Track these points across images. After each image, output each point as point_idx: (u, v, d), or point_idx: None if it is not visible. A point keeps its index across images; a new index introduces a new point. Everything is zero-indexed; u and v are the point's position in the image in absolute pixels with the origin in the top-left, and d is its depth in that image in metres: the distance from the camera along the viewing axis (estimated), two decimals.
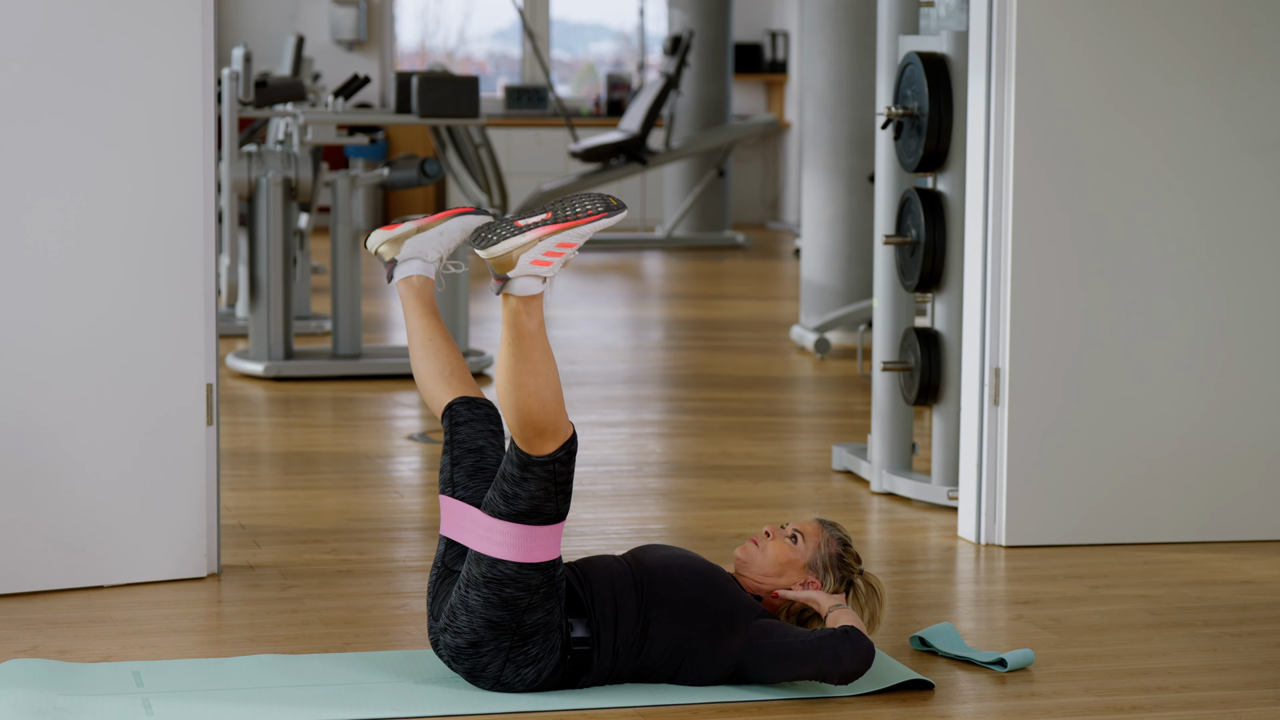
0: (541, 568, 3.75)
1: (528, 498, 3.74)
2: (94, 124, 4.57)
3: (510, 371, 3.68)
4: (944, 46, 5.74)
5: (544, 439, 3.71)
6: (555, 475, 3.74)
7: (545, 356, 3.69)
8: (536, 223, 3.67)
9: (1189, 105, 5.25)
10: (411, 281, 4.23)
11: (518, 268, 3.66)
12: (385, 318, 10.50)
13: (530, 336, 3.68)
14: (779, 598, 3.96)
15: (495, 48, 17.75)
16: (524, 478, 3.74)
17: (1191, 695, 3.92)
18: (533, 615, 3.76)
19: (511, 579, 3.74)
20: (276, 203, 8.04)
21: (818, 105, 9.40)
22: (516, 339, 3.68)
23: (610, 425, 7.18)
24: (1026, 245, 5.20)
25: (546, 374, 3.69)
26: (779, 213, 17.37)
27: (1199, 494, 5.33)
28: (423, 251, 4.23)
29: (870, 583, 3.99)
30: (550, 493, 3.75)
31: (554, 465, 3.73)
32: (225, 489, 5.74)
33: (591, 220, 3.70)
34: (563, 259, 3.69)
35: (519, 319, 3.68)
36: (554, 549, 3.77)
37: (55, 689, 3.79)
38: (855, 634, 3.76)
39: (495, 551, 3.75)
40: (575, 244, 3.69)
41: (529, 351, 3.68)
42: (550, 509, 3.76)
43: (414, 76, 8.22)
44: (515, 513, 3.75)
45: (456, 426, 4.01)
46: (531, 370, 3.68)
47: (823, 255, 9.38)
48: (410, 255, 4.23)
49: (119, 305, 4.62)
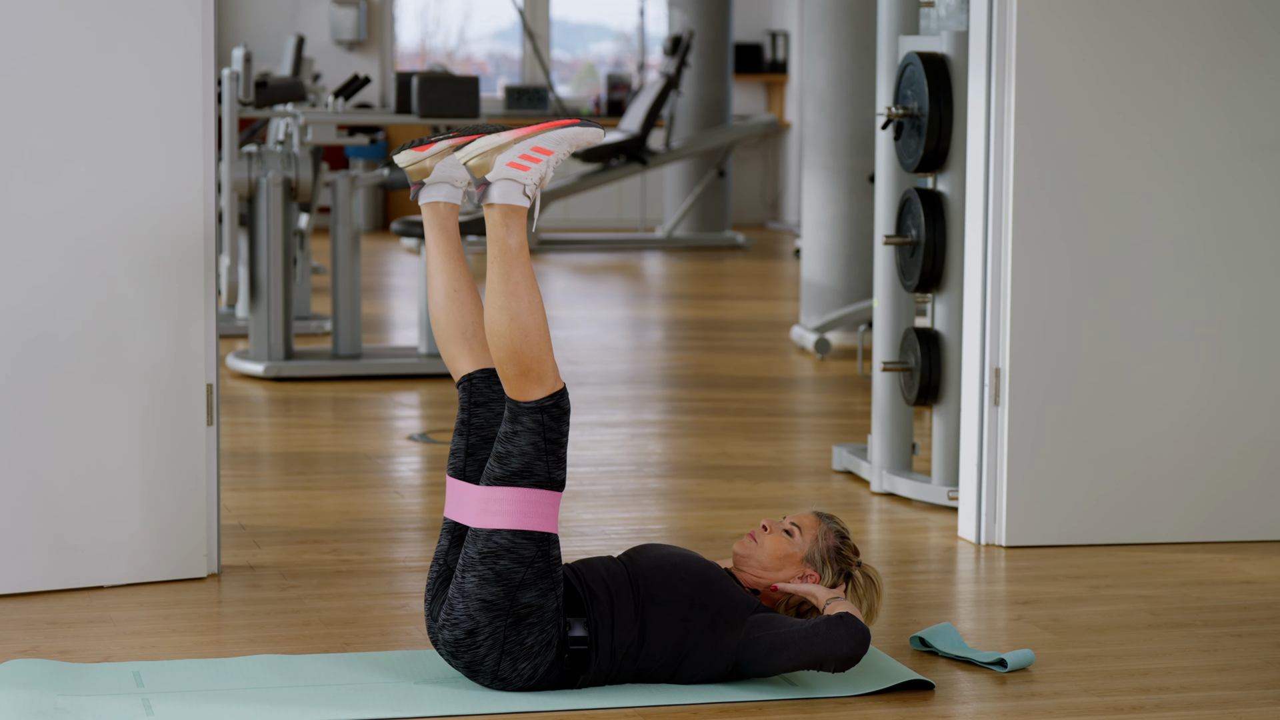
0: (535, 539, 3.75)
1: (519, 454, 3.74)
2: (94, 123, 4.57)
3: (492, 294, 3.66)
4: (944, 47, 5.74)
5: (528, 380, 3.69)
6: (544, 428, 3.73)
7: (527, 280, 3.66)
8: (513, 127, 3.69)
9: (1189, 105, 5.25)
10: (438, 208, 4.00)
11: (494, 170, 3.66)
12: (385, 318, 10.50)
13: (511, 254, 3.66)
14: (777, 591, 3.96)
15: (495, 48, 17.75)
16: (515, 431, 3.74)
17: (1191, 695, 3.92)
18: (526, 593, 3.74)
19: (505, 549, 3.73)
20: (277, 203, 8.04)
21: (818, 105, 9.40)
22: (498, 255, 3.67)
23: (610, 425, 7.18)
24: (1026, 245, 5.20)
25: (529, 301, 3.66)
26: (779, 213, 17.37)
27: (1199, 494, 5.33)
28: (452, 176, 4.00)
29: (868, 574, 3.99)
30: (540, 449, 3.74)
31: (542, 415, 3.72)
32: (225, 489, 5.74)
33: (566, 125, 3.70)
34: (541, 165, 3.68)
35: (499, 232, 3.67)
36: (550, 520, 3.76)
37: (55, 689, 3.79)
38: (850, 619, 3.76)
39: (491, 521, 3.74)
40: (552, 151, 3.68)
41: (509, 269, 3.66)
42: (542, 469, 3.75)
43: (414, 77, 8.22)
44: (509, 473, 3.74)
45: (475, 407, 3.94)
46: (512, 291, 3.66)
47: (823, 255, 9.38)
48: (439, 179, 4.00)
49: (119, 306, 4.62)
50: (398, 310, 10.83)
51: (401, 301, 11.20)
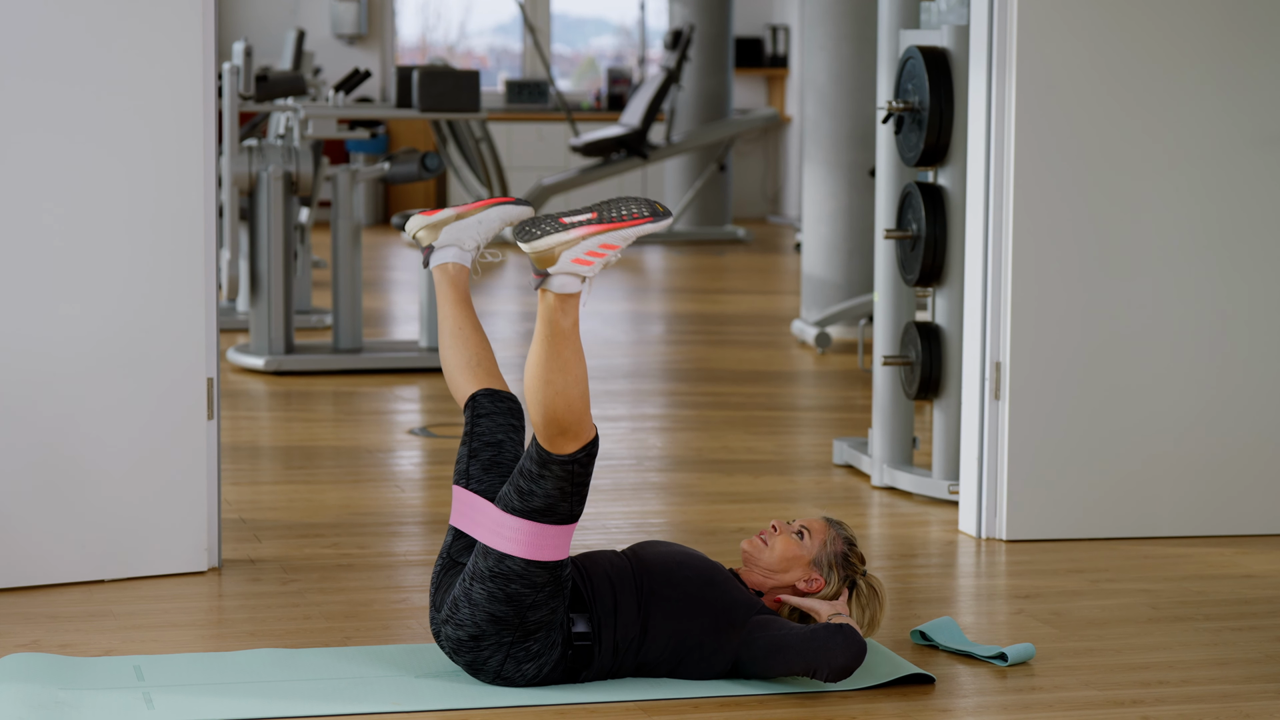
0: (549, 567, 3.75)
1: (543, 495, 3.74)
2: (94, 118, 4.57)
3: (540, 368, 3.68)
4: (945, 41, 5.73)
5: (566, 438, 3.72)
6: (573, 476, 3.74)
7: (576, 356, 3.70)
8: (581, 221, 3.68)
9: (1190, 99, 5.25)
10: (447, 269, 4.21)
11: (559, 264, 3.67)
12: (386, 312, 10.50)
13: (564, 335, 3.69)
14: (780, 603, 3.96)
15: (496, 42, 17.75)
16: (542, 475, 3.74)
17: (1192, 689, 3.92)
18: (536, 613, 3.76)
19: (518, 575, 3.74)
20: (277, 197, 8.04)
21: (818, 100, 9.40)
22: (550, 336, 3.69)
23: (611, 420, 7.18)
24: (1027, 239, 5.20)
25: (576, 373, 3.69)
26: (780, 207, 17.37)
27: (1200, 488, 5.33)
28: (460, 239, 4.21)
29: (872, 585, 4.00)
30: (566, 493, 3.75)
31: (573, 466, 3.73)
32: (226, 483, 5.74)
33: (637, 224, 3.70)
34: (604, 260, 3.69)
35: (554, 316, 3.69)
36: (563, 549, 3.77)
37: (56, 683, 3.79)
38: (849, 630, 3.77)
39: (504, 546, 3.75)
40: (618, 246, 3.70)
41: (561, 350, 3.69)
42: (564, 509, 3.76)
43: (415, 71, 8.22)
44: (529, 509, 3.75)
45: (478, 419, 4.01)
46: (562, 368, 3.69)
47: (823, 250, 9.38)
48: (447, 242, 4.21)
49: (120, 300, 4.62)
50: (398, 304, 10.83)
51: (402, 296, 11.20)
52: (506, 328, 9.64)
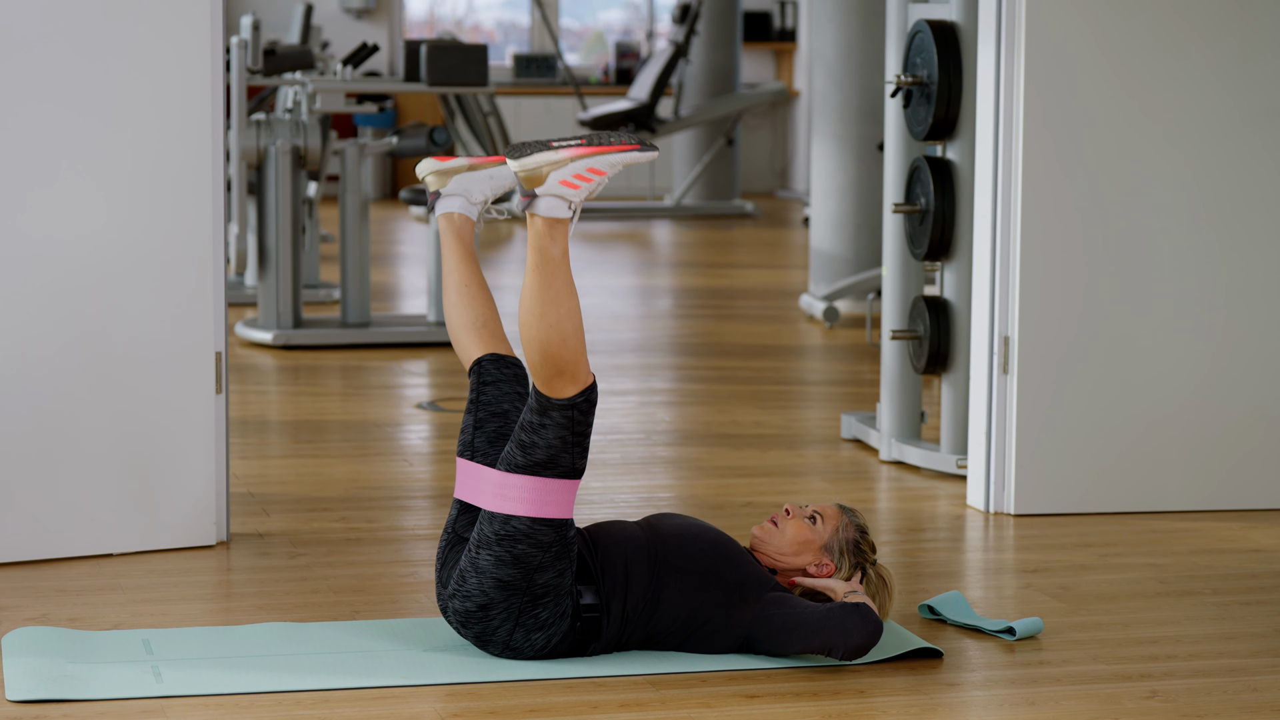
0: (554, 524, 3.76)
1: (545, 446, 3.75)
2: (102, 92, 4.57)
3: (533, 301, 3.70)
4: (954, 14, 5.72)
5: (563, 379, 3.72)
6: (573, 423, 3.75)
7: (568, 288, 3.71)
8: (570, 143, 3.73)
9: (1196, 74, 5.24)
10: (452, 218, 4.20)
11: (546, 185, 3.70)
12: (394, 286, 10.50)
13: (553, 263, 3.70)
14: (794, 585, 3.96)
15: (504, 16, 17.72)
16: (542, 424, 3.74)
17: (1200, 663, 3.93)
18: (544, 575, 3.76)
19: (524, 534, 3.74)
20: (285, 171, 8.03)
21: (827, 73, 9.38)
22: (541, 265, 3.70)
23: (619, 394, 7.18)
24: (1035, 214, 5.19)
25: (569, 306, 3.70)
26: (788, 181, 17.34)
27: (1208, 462, 5.33)
28: (468, 190, 4.21)
29: (882, 574, 3.99)
30: (567, 442, 3.75)
31: (572, 411, 3.74)
32: (235, 457, 5.75)
33: (624, 150, 3.74)
34: (591, 185, 3.72)
35: (543, 243, 3.70)
36: (567, 506, 3.78)
37: (65, 656, 3.80)
38: (866, 609, 3.77)
39: (508, 508, 3.75)
40: (605, 172, 3.73)
41: (551, 279, 3.70)
42: (566, 461, 3.76)
43: (423, 45, 8.21)
44: (532, 463, 3.75)
45: (484, 386, 4.01)
46: (554, 300, 3.69)
47: (832, 224, 9.37)
48: (454, 191, 4.21)
49: (128, 274, 4.62)
50: (406, 278, 10.83)
51: (410, 270, 11.20)
52: (513, 302, 9.63)
